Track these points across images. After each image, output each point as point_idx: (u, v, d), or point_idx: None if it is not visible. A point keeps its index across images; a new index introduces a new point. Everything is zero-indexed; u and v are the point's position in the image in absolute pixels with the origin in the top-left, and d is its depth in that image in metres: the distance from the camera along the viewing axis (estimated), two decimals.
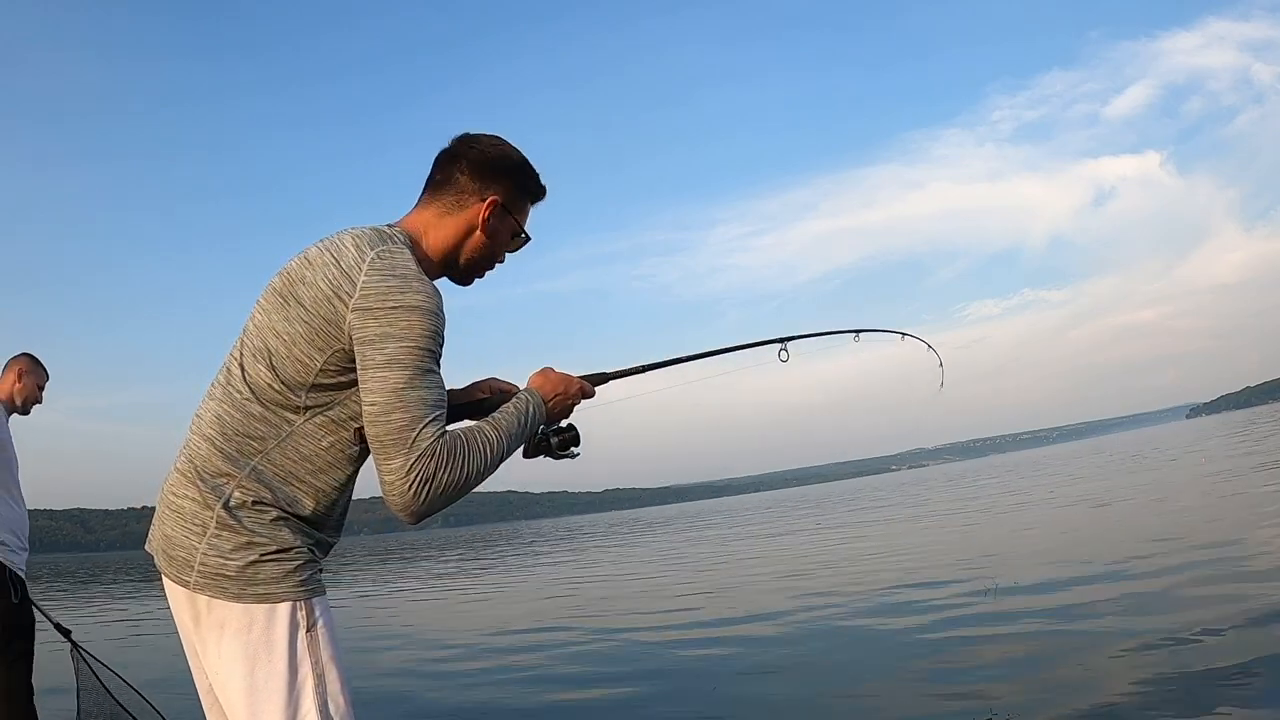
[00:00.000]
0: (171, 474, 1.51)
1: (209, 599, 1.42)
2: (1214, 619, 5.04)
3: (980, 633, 5.77)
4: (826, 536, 17.54)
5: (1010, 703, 4.07)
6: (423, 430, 1.37)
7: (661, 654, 6.53)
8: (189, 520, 1.44)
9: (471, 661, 7.04)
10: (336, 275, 1.44)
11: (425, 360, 1.41)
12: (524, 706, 5.30)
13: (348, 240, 1.50)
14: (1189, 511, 11.19)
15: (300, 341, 1.45)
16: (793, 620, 7.31)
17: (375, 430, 1.38)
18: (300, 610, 1.43)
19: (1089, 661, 4.62)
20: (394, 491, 1.36)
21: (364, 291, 1.41)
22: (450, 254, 1.62)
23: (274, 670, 1.40)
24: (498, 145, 1.64)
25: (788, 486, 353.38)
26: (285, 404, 1.46)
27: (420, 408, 1.38)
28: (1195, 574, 6.65)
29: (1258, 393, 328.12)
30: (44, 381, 3.90)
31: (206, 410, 1.52)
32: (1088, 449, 73.14)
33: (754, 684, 5.26)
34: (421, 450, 1.36)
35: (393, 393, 1.37)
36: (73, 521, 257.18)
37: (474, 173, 1.60)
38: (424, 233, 1.60)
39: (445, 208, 1.61)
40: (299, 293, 1.47)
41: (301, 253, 1.56)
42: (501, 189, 1.62)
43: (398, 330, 1.39)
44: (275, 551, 1.43)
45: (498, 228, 1.63)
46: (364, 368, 1.40)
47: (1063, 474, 30.33)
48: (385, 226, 1.58)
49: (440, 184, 1.61)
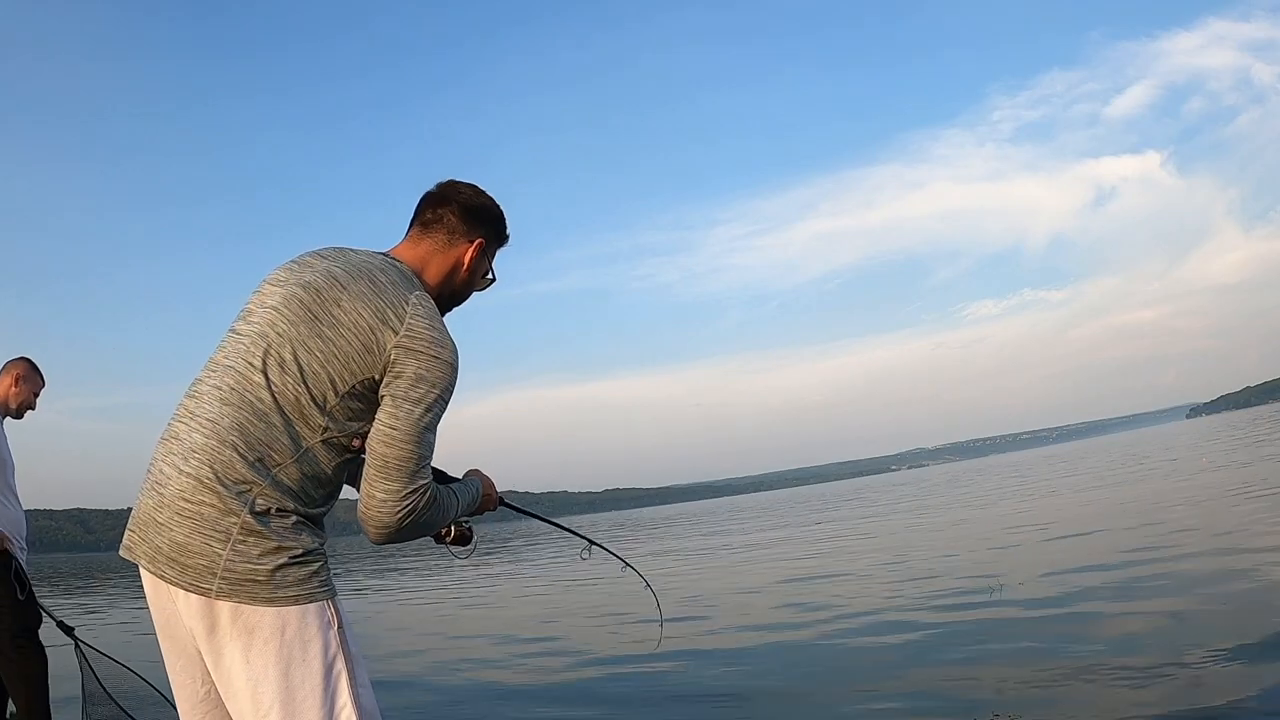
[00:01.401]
0: (179, 479, 1.48)
1: (234, 605, 1.42)
2: (1218, 621, 5.05)
3: (984, 633, 5.78)
4: (828, 536, 17.56)
5: (1012, 703, 4.07)
6: (424, 470, 1.55)
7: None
8: (208, 527, 1.43)
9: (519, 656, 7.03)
10: (380, 307, 1.55)
11: (440, 413, 1.57)
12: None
13: (376, 271, 1.61)
14: (1190, 511, 11.20)
15: (334, 361, 1.52)
16: (793, 620, 7.33)
17: (387, 450, 1.51)
18: (329, 609, 1.50)
19: (1092, 662, 4.62)
20: (382, 509, 1.51)
21: (410, 333, 1.55)
22: (439, 288, 1.75)
23: (310, 669, 1.45)
24: (481, 195, 1.80)
25: (788, 486, 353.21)
26: (306, 421, 1.51)
27: (428, 451, 1.55)
28: (1198, 573, 6.66)
29: (1258, 393, 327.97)
30: (39, 388, 3.92)
31: (223, 415, 1.50)
32: (1088, 449, 73.15)
33: (754, 684, 5.26)
34: (418, 486, 1.53)
35: (414, 426, 1.52)
36: (72, 521, 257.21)
37: (463, 216, 1.75)
38: (423, 268, 1.73)
39: (439, 246, 1.75)
40: (334, 313, 1.55)
41: (314, 268, 1.63)
42: (484, 233, 1.78)
43: (432, 378, 1.54)
44: (301, 554, 1.48)
45: (476, 268, 1.79)
46: (393, 396, 1.53)
47: (1063, 474, 30.35)
48: (392, 258, 1.71)
49: (431, 222, 1.75)
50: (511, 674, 6.46)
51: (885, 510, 25.18)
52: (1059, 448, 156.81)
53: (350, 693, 1.47)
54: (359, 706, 1.47)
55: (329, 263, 1.63)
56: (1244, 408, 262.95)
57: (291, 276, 1.62)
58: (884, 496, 37.95)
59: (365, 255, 1.68)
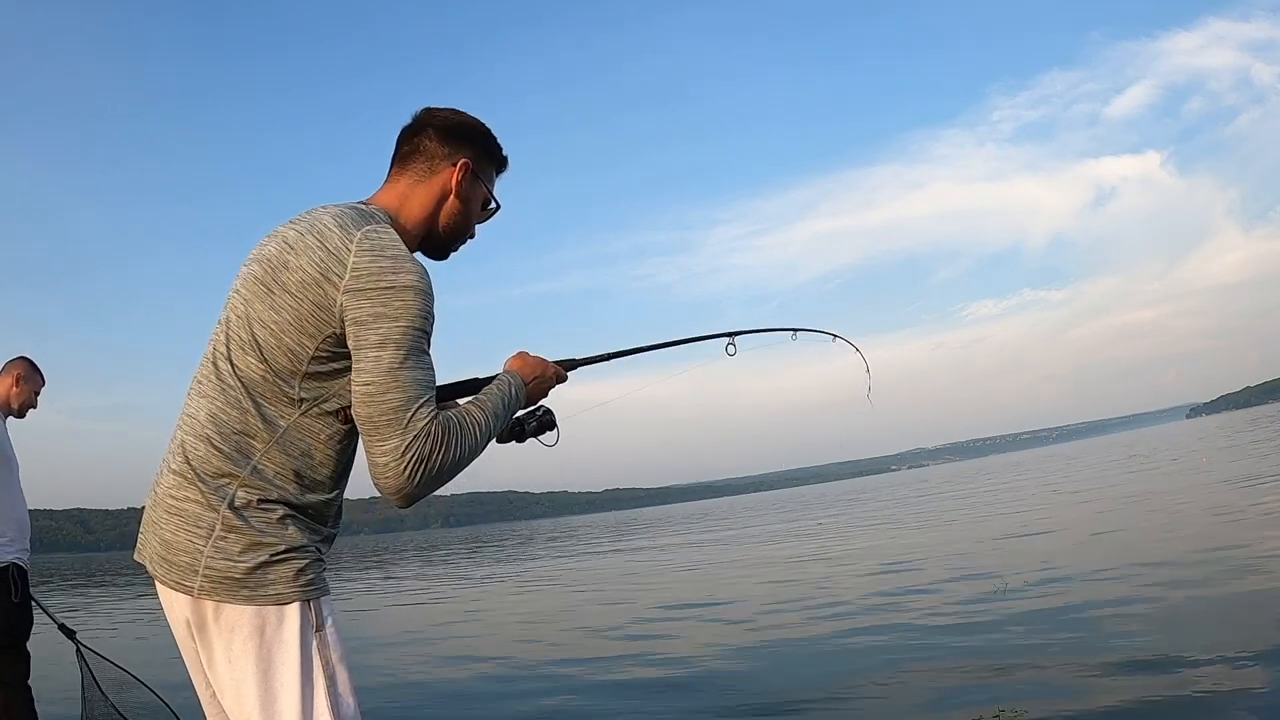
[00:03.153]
0: (165, 477, 1.45)
1: (216, 604, 1.38)
2: (1219, 619, 5.05)
3: (988, 632, 5.77)
4: (828, 536, 17.56)
5: (1016, 702, 4.07)
6: (417, 410, 1.36)
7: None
8: (191, 523, 1.39)
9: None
10: (324, 257, 1.41)
11: (418, 340, 1.40)
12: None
13: (328, 220, 1.46)
14: (1191, 511, 11.20)
15: (289, 329, 1.41)
16: (793, 620, 7.33)
17: (368, 411, 1.36)
18: (311, 610, 1.42)
19: (1097, 662, 4.62)
20: (388, 473, 1.35)
21: (355, 272, 1.39)
22: (427, 223, 1.61)
23: (288, 672, 1.38)
24: (460, 113, 1.64)
25: (788, 486, 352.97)
26: (280, 397, 1.43)
27: (414, 388, 1.37)
28: (1201, 573, 6.65)
29: (1258, 393, 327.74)
30: (40, 387, 3.92)
31: (199, 409, 1.45)
32: (1088, 449, 73.14)
33: (753, 682, 5.26)
34: (417, 431, 1.35)
35: (387, 373, 1.35)
36: (73, 521, 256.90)
37: (442, 138, 1.60)
38: (400, 206, 1.59)
39: (418, 175, 1.60)
40: (283, 278, 1.43)
41: (275, 236, 1.50)
42: (470, 153, 1.62)
43: (391, 310, 1.37)
44: (284, 551, 1.40)
45: (470, 193, 1.63)
46: (357, 348, 1.38)
47: (1064, 474, 30.34)
48: (361, 204, 1.56)
49: (408, 154, 1.61)
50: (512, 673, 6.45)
51: (888, 510, 25.16)
52: (1059, 448, 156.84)
53: (327, 699, 1.39)
54: (338, 714, 1.40)
55: (289, 227, 1.50)
56: (1244, 408, 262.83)
57: (257, 252, 1.52)
58: (886, 496, 37.92)
59: (326, 209, 1.51)
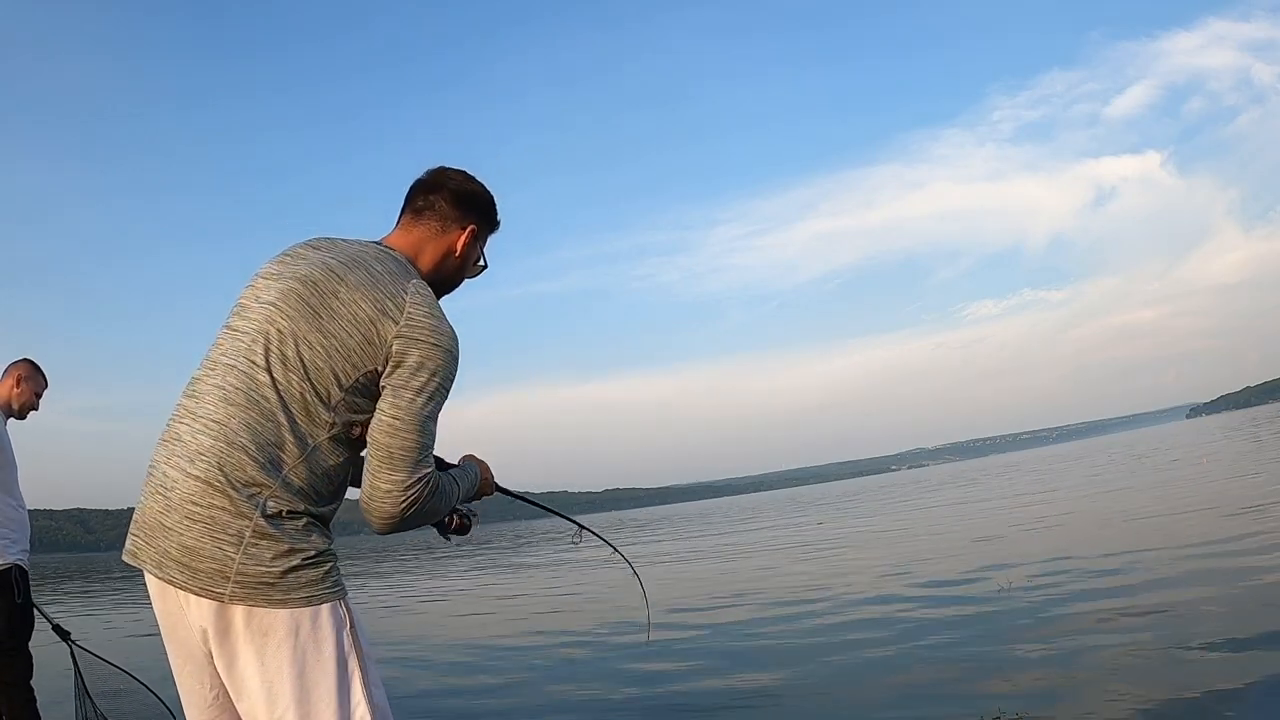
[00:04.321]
0: (186, 482, 1.45)
1: (248, 609, 1.42)
2: (1221, 618, 5.05)
3: (990, 632, 5.77)
4: (828, 536, 17.56)
5: (1020, 702, 4.06)
6: (427, 459, 1.54)
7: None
8: (220, 530, 1.42)
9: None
10: (379, 298, 1.54)
11: (441, 401, 1.56)
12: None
13: (371, 260, 1.60)
14: (1192, 511, 11.21)
15: (336, 355, 1.51)
16: (794, 619, 7.33)
17: (390, 441, 1.49)
18: (341, 608, 1.50)
19: (1099, 662, 4.62)
20: (387, 499, 1.50)
21: (410, 322, 1.53)
22: (433, 275, 1.74)
23: (324, 670, 1.45)
24: (472, 181, 1.80)
25: (788, 486, 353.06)
26: (312, 418, 1.50)
27: (430, 440, 1.54)
28: (1204, 573, 6.67)
29: (1258, 393, 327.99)
30: (42, 389, 3.91)
31: (230, 416, 1.47)
32: (1088, 449, 73.17)
33: (752, 681, 5.26)
34: (422, 475, 1.52)
35: (417, 415, 1.51)
36: (72, 521, 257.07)
37: (454, 202, 1.75)
38: (417, 255, 1.73)
39: (430, 232, 1.74)
40: (333, 306, 1.53)
41: (307, 260, 1.61)
42: (476, 220, 1.78)
43: (433, 366, 1.53)
44: (314, 555, 1.47)
45: (469, 255, 1.79)
46: (395, 386, 1.52)
47: (1065, 474, 30.35)
48: (384, 247, 1.69)
49: (423, 209, 1.75)
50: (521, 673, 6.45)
51: (887, 510, 25.18)
52: (1059, 448, 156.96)
53: (364, 691, 1.47)
54: (373, 705, 1.48)
55: (323, 254, 1.61)
56: (1244, 408, 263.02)
57: (286, 270, 1.60)
58: (887, 496, 37.93)
59: (358, 245, 1.66)
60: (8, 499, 3.66)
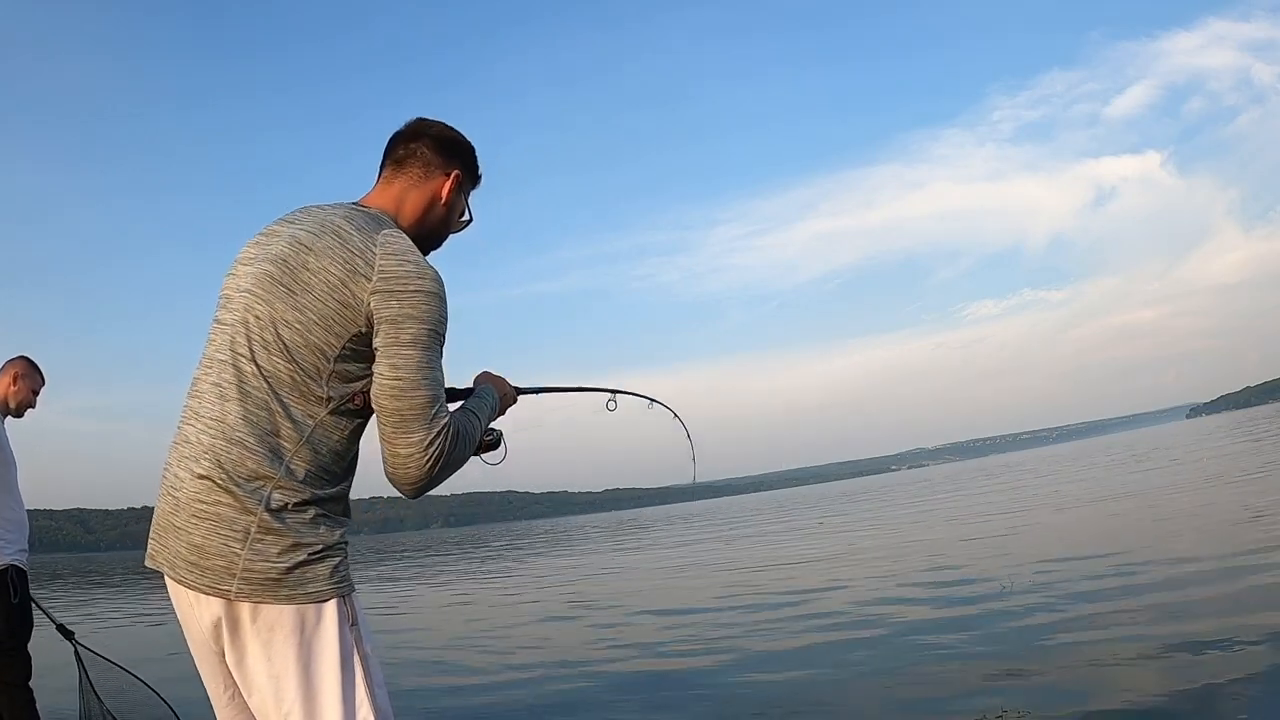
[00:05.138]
0: (191, 482, 1.45)
1: (254, 605, 1.41)
2: (1226, 620, 5.04)
3: (991, 631, 5.77)
4: (829, 536, 17.56)
5: (1022, 700, 4.07)
6: (440, 409, 1.48)
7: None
8: (226, 527, 1.41)
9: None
10: (347, 258, 1.48)
11: (439, 343, 1.51)
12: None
13: (340, 221, 1.54)
14: (1193, 510, 11.21)
15: (315, 328, 1.46)
16: (796, 620, 7.33)
17: (397, 404, 1.44)
18: (346, 605, 1.48)
19: (1102, 662, 4.62)
20: (410, 463, 1.45)
21: (383, 275, 1.47)
22: (416, 225, 1.68)
23: (328, 666, 1.43)
24: (453, 129, 1.74)
25: (788, 486, 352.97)
26: (308, 396, 1.47)
27: (437, 388, 1.48)
28: (1206, 571, 6.67)
29: (1258, 393, 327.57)
30: (39, 386, 3.91)
31: (226, 412, 1.46)
32: (1088, 449, 73.16)
33: (752, 682, 5.26)
34: (439, 427, 1.46)
35: (418, 370, 1.45)
36: (72, 521, 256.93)
37: (437, 148, 1.70)
38: (398, 208, 1.67)
39: (413, 180, 1.69)
40: (304, 279, 1.48)
41: (279, 235, 1.56)
42: (460, 166, 1.73)
43: (418, 313, 1.47)
44: (321, 550, 1.45)
45: (454, 204, 1.73)
46: (386, 345, 1.46)
47: (1065, 474, 30.35)
48: (358, 205, 1.64)
49: (404, 158, 1.69)
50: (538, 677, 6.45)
51: (888, 510, 25.18)
52: (1059, 448, 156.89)
53: (367, 690, 1.46)
54: (375, 704, 1.46)
55: (294, 227, 1.56)
56: (1244, 408, 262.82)
57: (260, 252, 1.56)
58: (888, 495, 37.92)
59: (330, 209, 1.60)
60: (7, 498, 3.66)
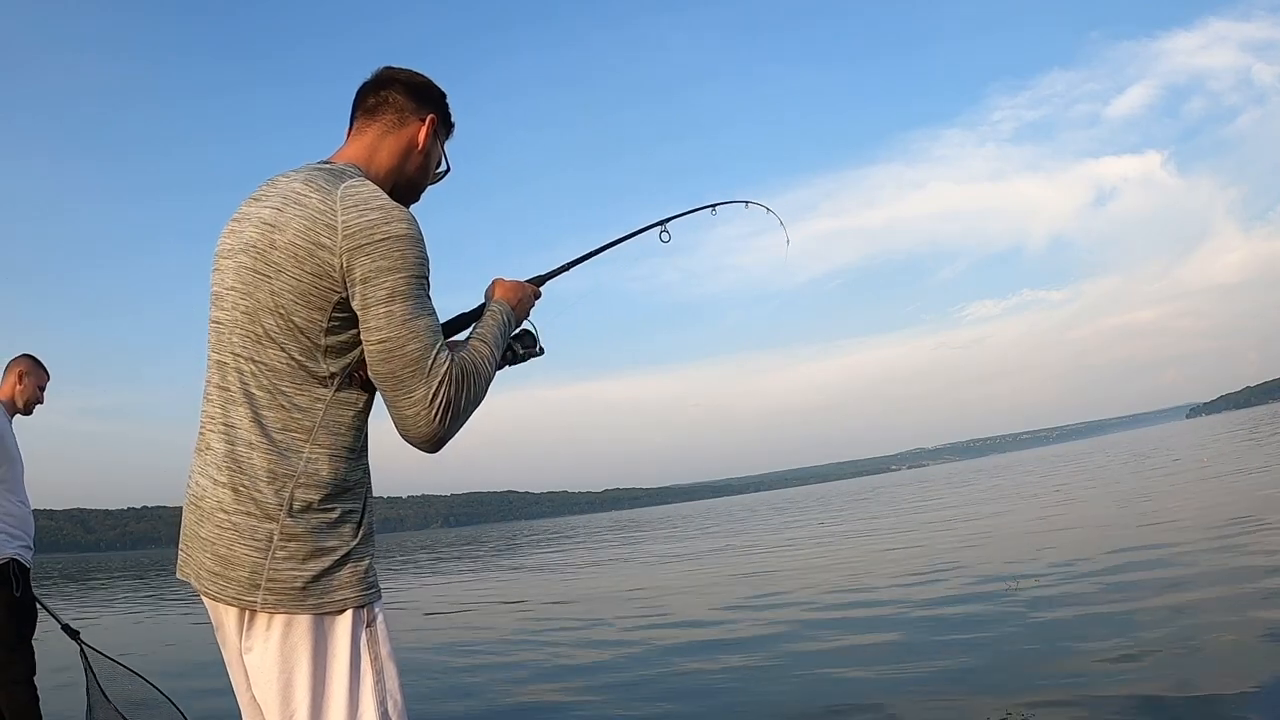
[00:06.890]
0: (215, 491, 1.42)
1: (274, 610, 1.38)
2: (1233, 619, 5.04)
3: (999, 632, 5.76)
4: (830, 536, 17.54)
5: (1024, 700, 4.06)
6: (436, 356, 1.38)
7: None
8: (248, 536, 1.38)
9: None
10: (309, 225, 1.39)
11: (422, 287, 1.41)
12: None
13: (299, 186, 1.44)
14: (1194, 510, 11.20)
15: (298, 308, 1.39)
16: (799, 620, 7.33)
17: (389, 366, 1.37)
18: (366, 612, 1.44)
19: (1107, 662, 4.60)
20: (419, 421, 1.38)
21: (347, 231, 1.37)
22: (392, 174, 1.60)
23: (337, 670, 1.40)
24: (423, 75, 1.66)
25: (788, 486, 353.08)
26: (311, 377, 1.42)
27: (429, 335, 1.39)
28: (1209, 571, 6.66)
29: (1258, 393, 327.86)
30: (44, 382, 3.91)
31: (238, 417, 1.42)
32: (1088, 449, 73.19)
33: (754, 684, 5.25)
34: (440, 376, 1.38)
35: (401, 324, 1.36)
36: (73, 521, 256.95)
37: (409, 94, 1.62)
38: (370, 157, 1.58)
39: (386, 127, 1.60)
40: (274, 259, 1.40)
41: (247, 219, 1.47)
42: (434, 112, 1.64)
43: (391, 262, 1.37)
44: (344, 556, 1.41)
45: (431, 150, 1.64)
46: (364, 306, 1.38)
47: (1066, 474, 30.36)
48: (324, 162, 1.55)
49: (375, 106, 1.60)
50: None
51: (890, 510, 25.17)
52: (1059, 448, 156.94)
53: (374, 697, 1.41)
54: (384, 707, 1.42)
55: (259, 205, 1.47)
56: (1244, 408, 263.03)
57: (235, 241, 1.48)
58: (890, 495, 37.92)
59: (292, 175, 1.49)
60: (11, 496, 3.67)
